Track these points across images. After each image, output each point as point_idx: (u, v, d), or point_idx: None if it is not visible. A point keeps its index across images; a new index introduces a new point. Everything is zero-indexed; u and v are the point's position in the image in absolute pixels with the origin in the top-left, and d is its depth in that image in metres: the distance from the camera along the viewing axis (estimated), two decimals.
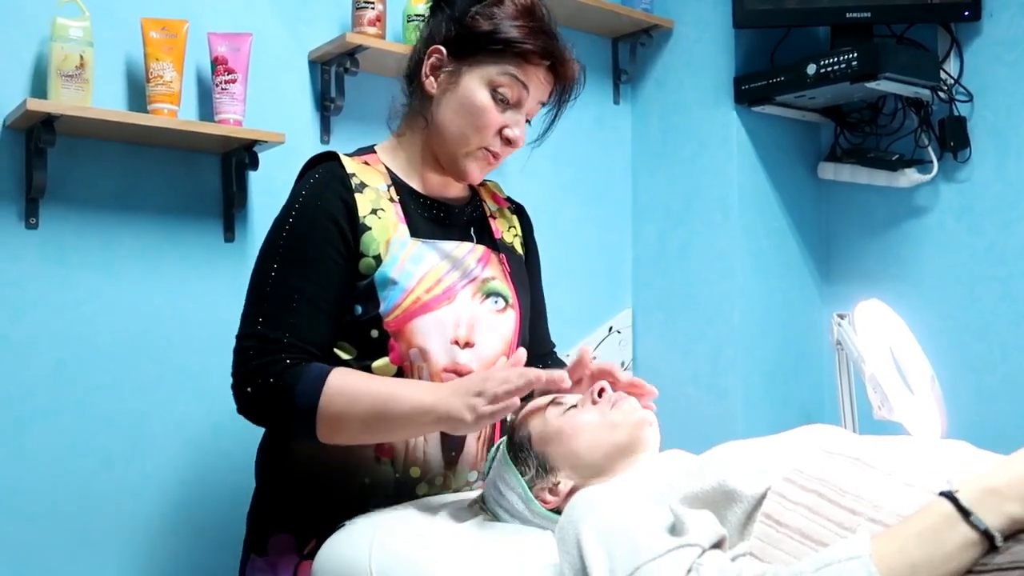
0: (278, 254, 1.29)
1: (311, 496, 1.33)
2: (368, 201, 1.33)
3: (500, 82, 1.33)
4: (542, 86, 1.36)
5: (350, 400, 1.22)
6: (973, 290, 2.18)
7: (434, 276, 1.33)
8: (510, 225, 1.54)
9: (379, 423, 1.23)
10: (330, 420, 1.23)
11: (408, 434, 1.29)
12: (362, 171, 1.36)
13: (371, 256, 1.30)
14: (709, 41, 2.42)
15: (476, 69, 1.34)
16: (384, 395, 1.23)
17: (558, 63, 1.36)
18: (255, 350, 1.25)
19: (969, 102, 2.19)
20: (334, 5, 2.06)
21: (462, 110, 1.34)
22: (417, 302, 1.30)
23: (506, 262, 1.45)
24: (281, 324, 1.26)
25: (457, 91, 1.34)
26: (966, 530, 0.78)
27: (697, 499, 0.98)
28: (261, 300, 1.28)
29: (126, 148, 1.81)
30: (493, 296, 1.39)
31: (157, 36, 1.74)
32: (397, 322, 1.30)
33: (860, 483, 0.91)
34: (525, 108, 1.36)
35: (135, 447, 1.80)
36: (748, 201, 2.38)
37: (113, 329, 1.79)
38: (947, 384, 1.78)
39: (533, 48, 1.32)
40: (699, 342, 2.42)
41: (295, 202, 1.32)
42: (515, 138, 1.36)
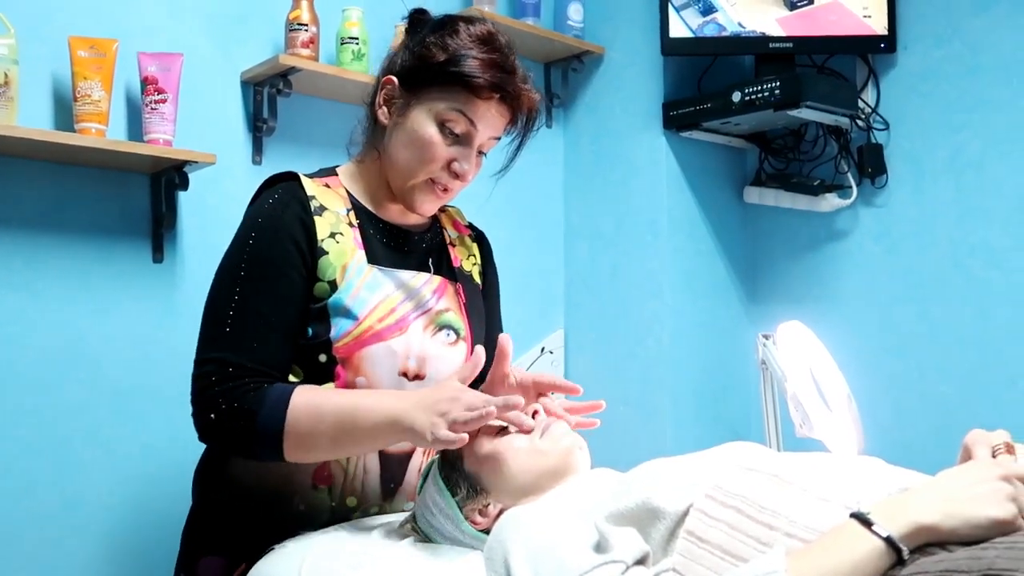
0: (239, 276, 1.26)
1: (245, 520, 1.32)
2: (327, 224, 1.31)
3: (447, 117, 1.31)
4: (493, 120, 1.34)
5: (316, 418, 1.20)
6: (891, 311, 2.26)
7: (387, 306, 1.32)
8: (469, 253, 1.54)
9: (346, 437, 1.22)
10: (298, 440, 1.21)
11: (376, 446, 1.28)
12: (322, 194, 1.35)
13: (326, 281, 1.29)
14: (639, 67, 2.48)
15: (425, 102, 1.32)
16: (349, 408, 1.21)
17: (509, 97, 1.33)
18: (217, 375, 1.22)
19: (886, 130, 2.28)
20: (267, 26, 2.06)
21: (410, 143, 1.33)
22: (368, 331, 1.29)
23: (462, 292, 1.45)
24: (242, 348, 1.23)
25: (406, 124, 1.33)
26: (871, 539, 0.82)
27: (622, 516, 1.01)
28: (221, 323, 1.25)
29: (53, 168, 1.78)
30: (446, 329, 1.38)
31: (85, 55, 1.72)
32: (347, 349, 1.28)
33: (777, 499, 0.94)
34: (476, 142, 1.34)
35: (59, 472, 1.76)
36: (677, 223, 2.43)
37: (37, 351, 1.75)
38: (866, 402, 1.84)
39: (482, 83, 1.29)
40: (629, 362, 2.46)
41: (254, 222, 1.30)
42: (462, 172, 1.34)
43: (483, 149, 1.37)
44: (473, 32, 1.33)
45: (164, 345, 1.88)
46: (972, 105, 2.15)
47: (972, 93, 2.15)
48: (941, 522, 0.82)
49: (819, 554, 0.83)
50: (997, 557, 0.76)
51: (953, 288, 2.16)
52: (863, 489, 0.93)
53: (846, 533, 0.83)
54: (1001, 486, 0.84)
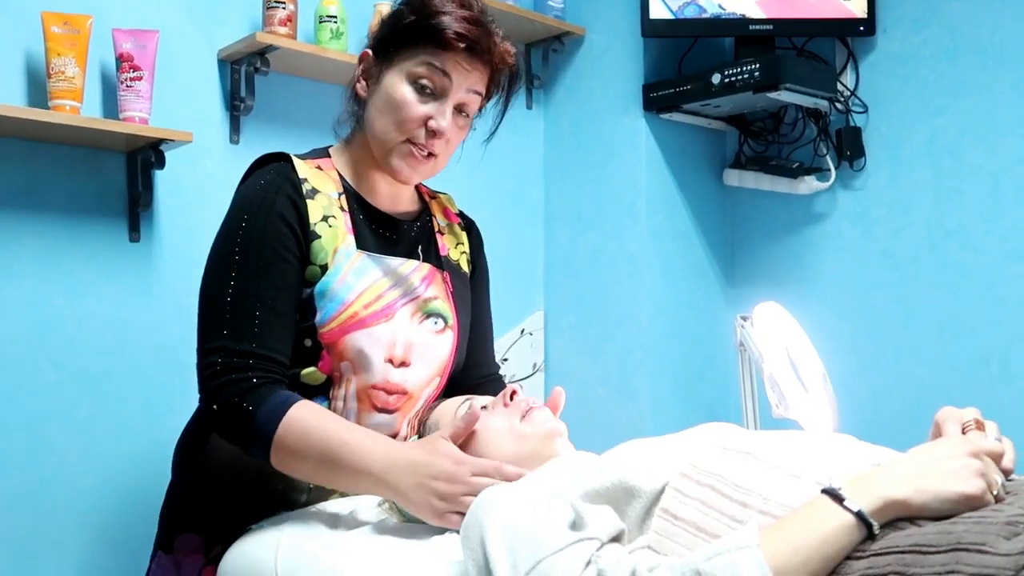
0: (234, 261, 1.25)
1: (223, 499, 1.32)
2: (320, 208, 1.30)
3: (418, 72, 1.29)
4: (467, 72, 1.31)
5: (303, 439, 1.18)
6: (867, 293, 2.28)
7: (374, 292, 1.31)
8: (458, 242, 1.52)
9: (328, 472, 1.20)
10: (283, 454, 1.20)
11: (362, 492, 1.25)
12: (314, 176, 1.33)
13: (318, 265, 1.28)
14: (619, 49, 2.47)
15: (397, 65, 1.31)
16: (337, 445, 1.18)
17: (480, 49, 1.30)
18: (221, 365, 1.21)
19: (864, 113, 2.29)
20: (245, 4, 2.04)
21: (385, 106, 1.31)
22: (354, 317, 1.28)
23: (449, 281, 1.44)
24: (246, 335, 1.21)
25: (380, 89, 1.32)
26: (842, 514, 0.82)
27: (598, 495, 1.01)
28: (220, 310, 1.24)
29: (26, 145, 1.76)
30: (433, 317, 1.37)
31: (59, 31, 1.69)
32: (332, 334, 1.28)
33: (750, 477, 0.94)
34: (452, 98, 1.31)
35: (33, 452, 1.75)
36: (656, 206, 2.44)
37: (11, 331, 1.73)
38: (842, 383, 1.86)
39: (450, 34, 1.27)
40: (609, 344, 2.47)
41: (247, 204, 1.28)
42: (440, 128, 1.30)
43: (466, 110, 1.34)
44: None
45: (140, 325, 1.87)
46: (950, 89, 2.16)
47: (950, 77, 2.16)
48: (911, 497, 0.82)
49: (790, 529, 0.83)
50: (965, 531, 0.77)
51: (928, 270, 2.18)
52: (835, 465, 0.94)
53: (817, 508, 0.84)
54: (970, 462, 0.85)
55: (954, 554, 0.75)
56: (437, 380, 1.39)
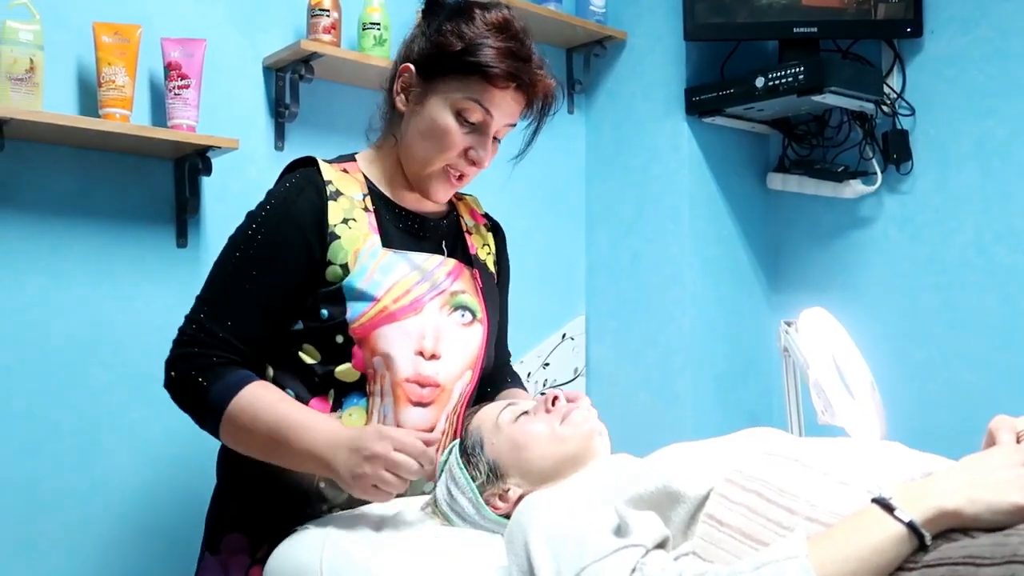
0: (239, 250, 1.32)
1: (266, 497, 1.34)
2: (341, 210, 1.33)
3: (464, 106, 1.32)
4: (509, 107, 1.35)
5: (252, 419, 1.24)
6: (914, 298, 2.24)
7: (403, 287, 1.33)
8: (484, 243, 1.55)
9: (275, 450, 1.25)
10: (233, 430, 1.26)
11: (304, 470, 1.28)
12: (339, 179, 1.36)
13: (338, 264, 1.31)
14: (661, 53, 2.46)
15: (442, 91, 1.33)
16: (285, 422, 1.23)
17: (525, 85, 1.34)
18: (189, 336, 1.29)
19: (911, 116, 2.26)
20: (289, 12, 2.07)
21: (427, 132, 1.34)
22: (384, 311, 1.30)
23: (479, 278, 1.45)
24: (220, 316, 1.29)
25: (423, 112, 1.35)
26: (893, 524, 0.81)
27: (642, 500, 1.01)
28: (212, 287, 1.33)
29: (77, 153, 1.79)
30: (461, 309, 1.39)
31: (109, 40, 1.73)
32: (363, 329, 1.30)
33: (798, 483, 0.93)
34: (491, 130, 1.35)
35: (84, 454, 1.78)
36: (699, 210, 2.42)
37: (63, 335, 1.77)
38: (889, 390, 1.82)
39: (498, 72, 1.30)
40: (650, 348, 2.46)
41: (267, 203, 1.34)
42: (479, 159, 1.36)
43: (498, 136, 1.39)
44: (489, 19, 1.33)
45: None
46: (999, 90, 2.12)
47: (999, 78, 2.12)
48: (964, 507, 0.81)
49: (840, 538, 0.82)
50: (1021, 543, 0.76)
51: (978, 275, 2.14)
52: (885, 473, 0.93)
53: (867, 518, 0.83)
54: None
55: (1009, 567, 0.74)
56: (469, 374, 1.40)
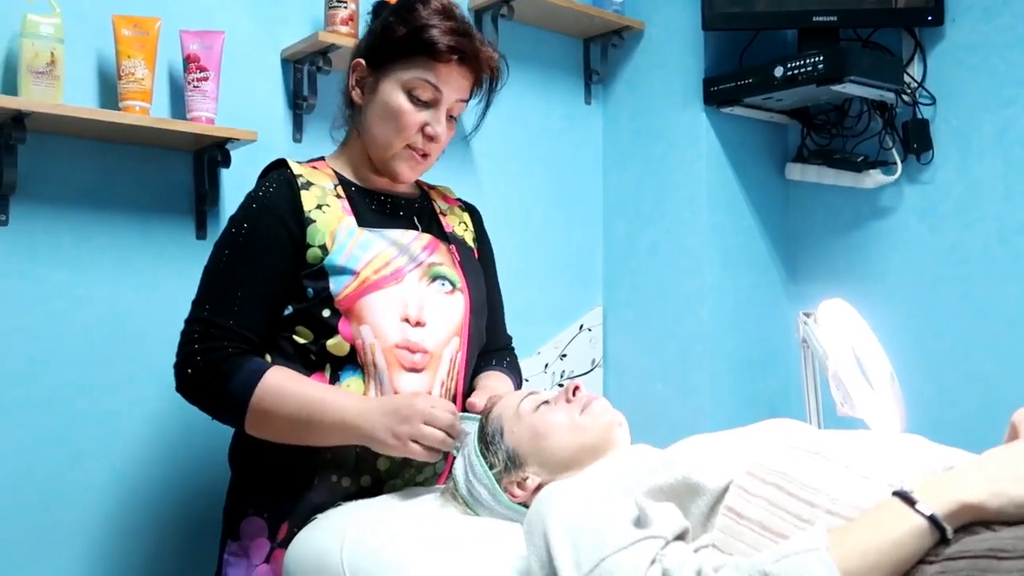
0: (226, 250, 1.39)
1: (277, 474, 1.38)
2: (314, 197, 1.41)
3: (413, 84, 1.42)
4: (457, 82, 1.44)
5: (279, 400, 1.30)
6: (935, 289, 2.23)
7: (382, 259, 1.40)
8: (460, 221, 1.62)
9: (304, 427, 1.30)
10: (259, 415, 1.31)
11: (333, 443, 1.34)
12: (309, 173, 1.45)
13: (316, 246, 1.38)
14: (679, 43, 2.45)
15: (392, 75, 1.43)
16: (313, 401, 1.30)
17: (468, 57, 1.43)
18: (199, 333, 1.34)
19: (932, 105, 2.24)
20: (307, 4, 2.07)
21: (383, 115, 1.44)
22: (365, 282, 1.37)
23: (456, 252, 1.52)
24: (224, 311, 1.35)
25: (377, 99, 1.45)
26: (914, 518, 0.81)
27: (662, 492, 1.01)
28: (209, 288, 1.39)
29: (97, 145, 1.80)
30: (440, 279, 1.45)
31: (129, 33, 1.73)
32: (347, 300, 1.36)
33: (818, 476, 0.93)
34: (443, 105, 1.44)
35: (105, 444, 1.80)
36: (717, 200, 2.41)
37: (84, 326, 1.78)
38: (908, 382, 1.82)
39: (442, 47, 1.39)
40: (668, 339, 2.45)
41: (247, 203, 1.42)
42: (436, 134, 1.44)
43: (452, 113, 1.47)
44: (430, 7, 1.43)
45: None
46: (1021, 79, 2.09)
47: (1021, 66, 2.09)
48: (986, 501, 0.80)
49: (861, 532, 0.82)
50: None
51: (999, 266, 2.12)
52: (906, 467, 0.92)
53: (888, 511, 0.82)
54: None
55: None
56: (456, 340, 1.45)
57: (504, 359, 1.64)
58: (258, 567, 1.37)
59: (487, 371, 1.57)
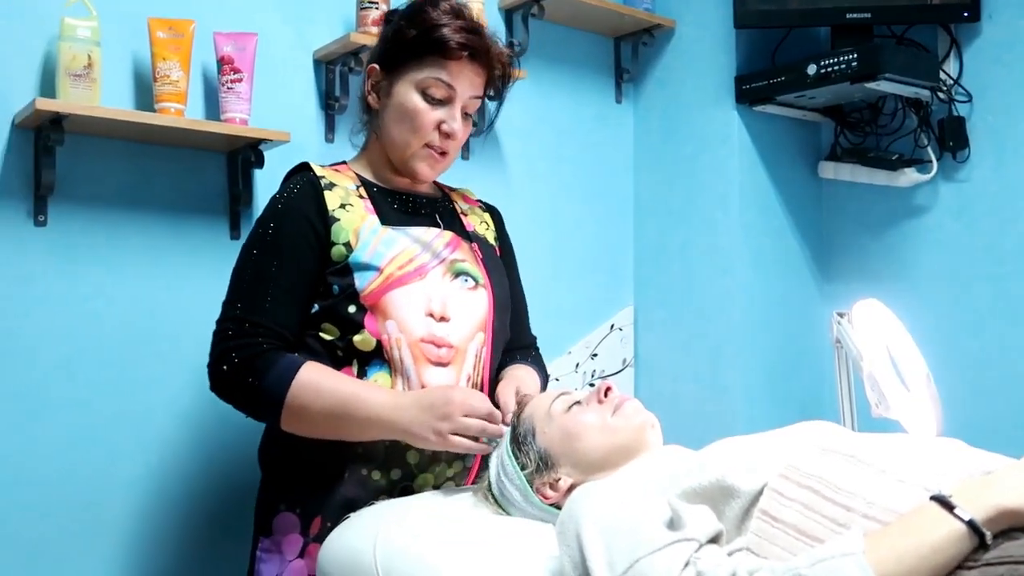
0: (255, 251, 1.41)
1: (308, 470, 1.40)
2: (337, 197, 1.43)
3: (427, 84, 1.44)
4: (469, 79, 1.46)
5: (315, 395, 1.31)
6: (970, 289, 2.20)
7: (406, 256, 1.41)
8: (482, 220, 1.64)
9: (340, 422, 1.32)
10: (295, 410, 1.32)
11: (368, 438, 1.35)
12: (331, 175, 1.48)
13: (341, 244, 1.40)
14: (710, 41, 2.44)
15: (405, 77, 1.46)
16: (348, 395, 1.31)
17: (479, 54, 1.45)
18: (233, 331, 1.36)
19: (968, 102, 2.21)
20: (338, 5, 2.08)
21: (399, 116, 1.46)
22: (390, 278, 1.39)
23: (478, 250, 1.53)
24: (256, 308, 1.37)
25: (392, 101, 1.47)
26: (952, 522, 0.80)
27: (695, 494, 1.00)
28: (239, 288, 1.41)
29: (133, 146, 1.82)
30: (463, 276, 1.47)
31: (164, 36, 1.75)
32: (373, 296, 1.38)
33: (854, 480, 0.93)
34: (458, 102, 1.46)
35: (141, 440, 1.82)
36: (749, 199, 2.40)
37: (119, 325, 1.80)
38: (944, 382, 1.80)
39: (452, 45, 1.42)
40: (700, 339, 2.44)
41: (273, 205, 1.45)
42: (452, 131, 1.46)
43: (467, 110, 1.49)
44: (440, 8, 1.46)
45: None
46: None
47: None
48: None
49: (898, 536, 0.81)
50: None
51: None
52: (943, 471, 0.91)
53: (926, 516, 0.82)
54: None
55: None
56: (481, 335, 1.47)
57: (528, 355, 1.65)
58: (292, 562, 1.38)
59: (512, 365, 1.58)
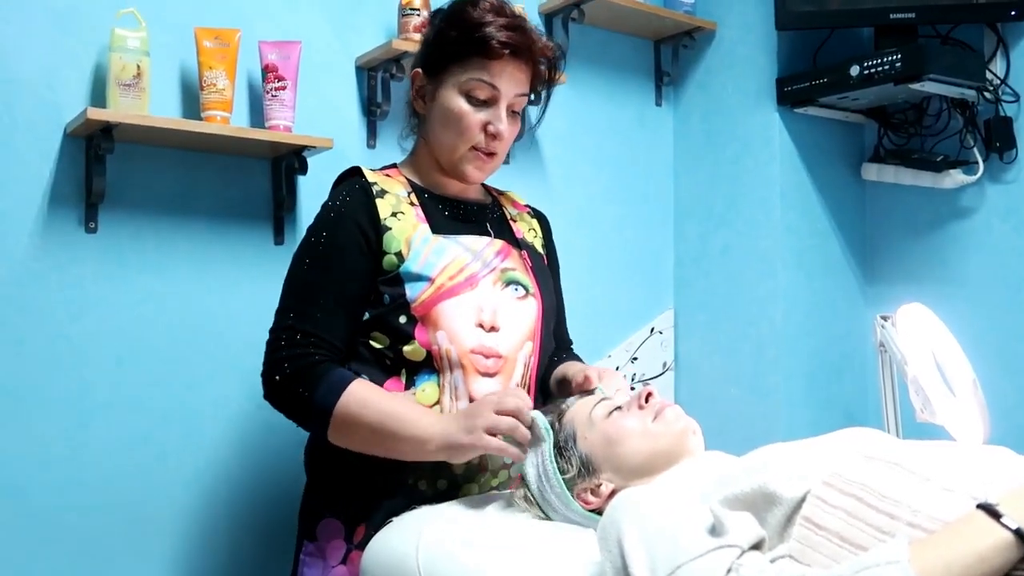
0: (307, 259, 1.41)
1: (353, 477, 1.40)
2: (388, 205, 1.43)
3: (470, 86, 1.42)
4: (513, 76, 1.43)
5: (362, 409, 1.31)
6: (1019, 292, 2.16)
7: (457, 265, 1.41)
8: (530, 227, 1.63)
9: (384, 439, 1.32)
10: (341, 424, 1.32)
11: (411, 457, 1.34)
12: (383, 181, 1.47)
13: (392, 253, 1.39)
14: (751, 43, 2.42)
15: (448, 81, 1.44)
16: (394, 414, 1.31)
17: (521, 51, 1.42)
18: (286, 341, 1.36)
19: (1016, 102, 2.17)
20: (380, 12, 2.10)
21: (445, 120, 1.45)
22: (441, 288, 1.38)
23: (527, 258, 1.53)
24: (308, 318, 1.37)
25: (437, 105, 1.46)
26: (999, 531, 0.79)
27: (738, 500, 1.00)
28: (292, 297, 1.41)
29: (181, 154, 1.86)
30: (513, 284, 1.46)
31: (210, 45, 1.79)
32: (424, 307, 1.38)
33: (899, 488, 0.92)
34: (503, 102, 1.43)
35: (189, 442, 1.86)
36: (791, 201, 2.38)
37: (168, 328, 1.84)
38: (992, 388, 1.77)
39: (494, 44, 1.39)
40: (741, 343, 2.43)
41: (325, 213, 1.44)
42: (498, 132, 1.44)
43: (514, 108, 1.46)
44: (480, 7, 1.43)
45: None
46: None
47: None
48: None
49: (943, 545, 0.81)
50: None
51: None
52: (990, 479, 0.90)
53: (972, 524, 0.81)
54: None
55: None
56: (529, 344, 1.46)
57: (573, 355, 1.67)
58: (335, 568, 1.39)
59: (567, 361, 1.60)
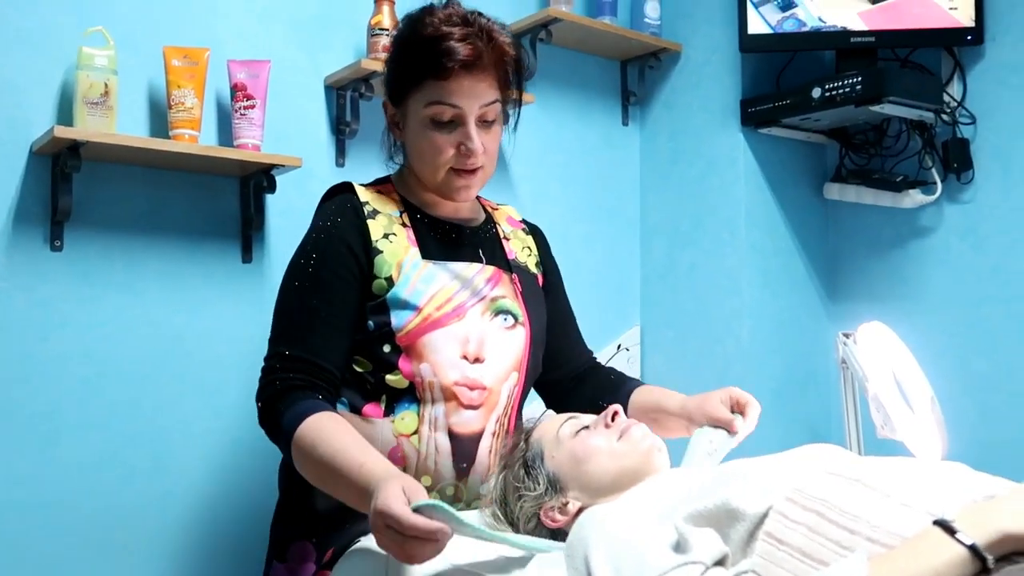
0: (297, 279, 1.38)
1: (328, 503, 1.37)
2: (380, 226, 1.40)
3: (431, 113, 1.37)
4: (472, 89, 1.36)
5: (311, 447, 1.23)
6: (977, 310, 2.21)
7: (444, 295, 1.38)
8: (524, 246, 1.60)
9: (325, 481, 1.25)
10: (297, 454, 1.27)
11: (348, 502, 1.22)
12: (375, 199, 1.44)
13: (383, 278, 1.37)
14: (716, 64, 2.46)
15: (411, 110, 1.41)
16: (339, 453, 1.20)
17: (473, 62, 1.35)
18: (280, 365, 1.34)
19: (972, 124, 2.23)
20: (350, 32, 2.11)
21: (417, 150, 1.43)
22: (428, 319, 1.36)
23: (518, 282, 1.50)
24: (298, 342, 1.34)
25: (407, 135, 1.44)
26: (954, 547, 0.81)
27: (701, 517, 1.02)
28: (283, 321, 1.38)
29: (148, 172, 1.85)
30: (503, 314, 1.44)
31: (179, 64, 1.79)
32: (409, 337, 1.36)
33: (859, 503, 0.94)
34: (470, 118, 1.37)
35: (157, 462, 1.84)
36: (755, 220, 2.42)
37: (136, 348, 1.83)
38: (950, 404, 1.81)
39: (443, 63, 1.33)
40: (707, 359, 2.46)
41: (312, 233, 1.41)
42: (472, 150, 1.38)
43: (486, 118, 1.40)
44: (425, 24, 1.37)
45: (253, 343, 1.93)
46: None
47: None
48: None
49: (901, 560, 0.83)
50: None
51: None
52: (947, 495, 0.93)
53: (929, 540, 0.83)
54: None
55: None
56: (515, 375, 1.44)
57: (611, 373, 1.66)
58: None
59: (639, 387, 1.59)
